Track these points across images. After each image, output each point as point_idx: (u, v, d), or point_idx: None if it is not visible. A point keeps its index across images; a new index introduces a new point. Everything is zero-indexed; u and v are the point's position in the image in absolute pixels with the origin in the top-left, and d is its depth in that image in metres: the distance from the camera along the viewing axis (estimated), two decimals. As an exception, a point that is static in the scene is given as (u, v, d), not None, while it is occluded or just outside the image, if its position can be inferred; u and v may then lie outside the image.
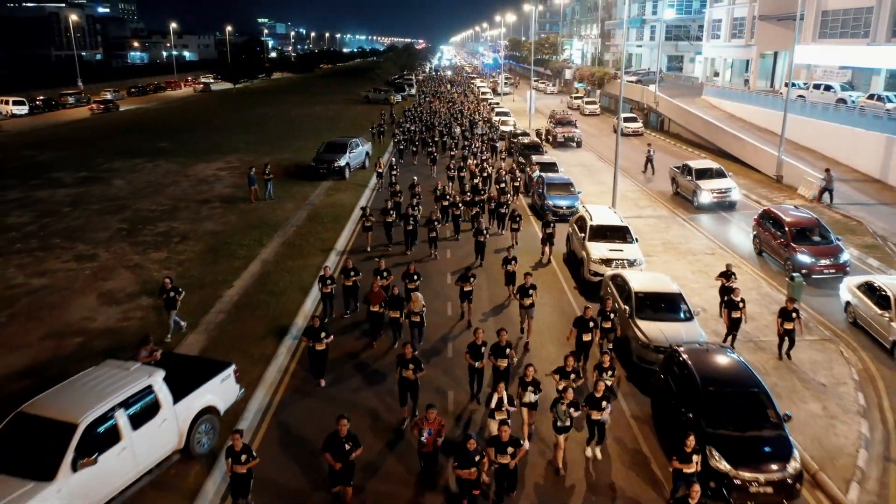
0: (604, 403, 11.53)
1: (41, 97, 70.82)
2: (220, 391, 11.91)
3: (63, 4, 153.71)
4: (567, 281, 20.91)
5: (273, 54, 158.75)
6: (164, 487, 10.74)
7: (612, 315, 14.98)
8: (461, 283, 17.21)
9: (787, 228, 21.16)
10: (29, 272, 20.37)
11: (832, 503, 10.88)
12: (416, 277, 17.11)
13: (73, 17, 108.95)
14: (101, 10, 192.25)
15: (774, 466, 10.57)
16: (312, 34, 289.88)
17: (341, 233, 24.99)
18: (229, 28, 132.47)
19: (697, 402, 11.44)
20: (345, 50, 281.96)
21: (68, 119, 62.69)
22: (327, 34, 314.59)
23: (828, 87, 43.23)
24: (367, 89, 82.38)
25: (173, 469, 11.08)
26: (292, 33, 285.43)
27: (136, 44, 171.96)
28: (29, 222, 25.76)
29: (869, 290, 16.74)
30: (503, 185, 28.44)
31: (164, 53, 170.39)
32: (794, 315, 15.09)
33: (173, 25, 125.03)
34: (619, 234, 20.82)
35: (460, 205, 25.41)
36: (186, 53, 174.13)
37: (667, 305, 15.69)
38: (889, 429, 12.91)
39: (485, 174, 31.11)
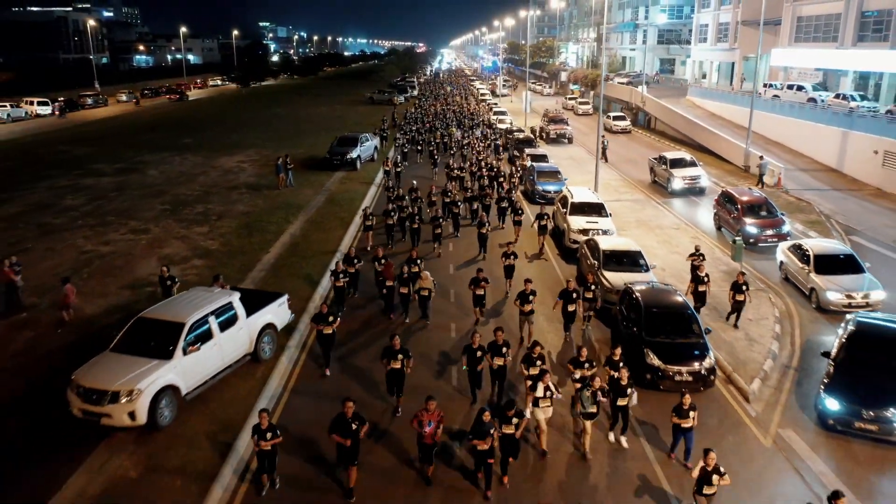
0: (629, 390, 12.37)
1: (62, 98, 74.51)
2: (277, 313, 15.64)
3: (69, 9, 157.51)
4: (552, 249, 24.57)
5: (275, 58, 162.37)
6: (242, 377, 14.42)
7: (593, 287, 17.44)
8: (473, 287, 17.35)
9: (739, 205, 24.85)
10: (95, 242, 24.05)
11: (739, 392, 14.52)
12: (418, 261, 18.42)
13: (91, 23, 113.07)
14: (105, 14, 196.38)
15: (694, 363, 14.22)
16: (315, 38, 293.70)
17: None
18: (236, 32, 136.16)
19: (641, 319, 15.12)
20: (346, 53, 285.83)
21: (91, 118, 66.37)
22: (329, 38, 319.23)
23: (800, 88, 46.80)
24: (372, 91, 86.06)
25: (245, 367, 14.74)
26: (295, 37, 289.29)
27: (141, 47, 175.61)
28: (84, 204, 29.45)
29: (796, 249, 20.40)
30: (502, 179, 31.59)
31: (169, 57, 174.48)
32: (744, 288, 17.16)
33: (183, 30, 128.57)
34: (595, 209, 24.52)
35: (460, 203, 26.58)
36: (190, 57, 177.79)
37: (628, 260, 19.33)
38: (795, 348, 16.56)
39: (484, 170, 33.08)
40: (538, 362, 12.97)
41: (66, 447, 11.98)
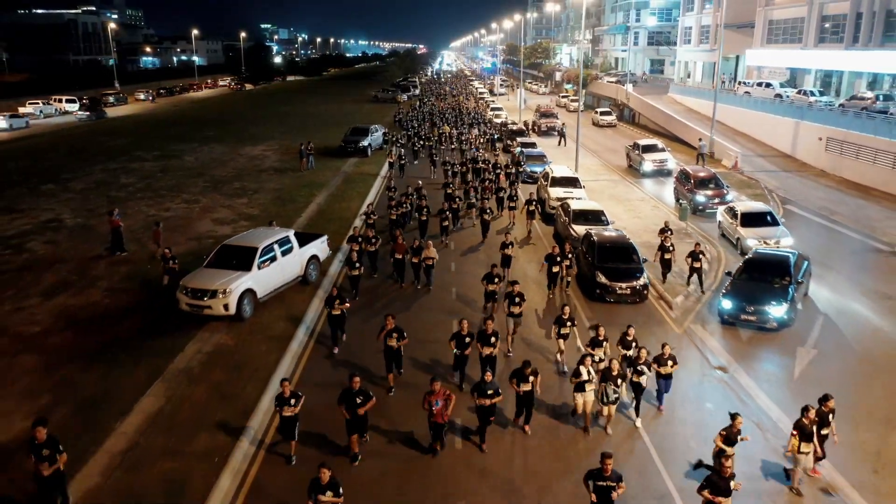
0: (645, 369, 12.92)
1: (86, 97, 79.40)
2: (320, 248, 20.64)
3: (79, 11, 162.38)
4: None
5: (278, 59, 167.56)
6: (295, 293, 19.35)
7: (569, 255, 20.88)
8: (486, 282, 17.90)
9: (692, 180, 29.80)
10: (156, 209, 28.99)
11: (666, 304, 19.44)
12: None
13: (112, 25, 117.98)
14: (110, 16, 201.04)
15: (633, 281, 19.14)
16: (318, 39, 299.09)
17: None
18: (244, 35, 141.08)
19: (595, 251, 20.07)
20: (348, 55, 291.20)
21: (114, 116, 71.30)
22: (331, 39, 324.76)
23: (768, 85, 51.55)
24: (377, 90, 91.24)
25: (297, 286, 19.67)
26: (299, 39, 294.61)
27: (147, 49, 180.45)
28: (137, 182, 34.42)
29: (729, 210, 25.35)
30: (499, 171, 35.86)
31: (174, 58, 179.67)
32: (700, 256, 19.66)
33: (195, 32, 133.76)
34: (571, 182, 29.55)
35: (458, 199, 28.01)
36: (196, 58, 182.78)
37: (592, 217, 24.27)
38: (716, 280, 21.39)
39: (481, 163, 35.86)
40: (569, 323, 14.81)
41: (178, 330, 16.88)
